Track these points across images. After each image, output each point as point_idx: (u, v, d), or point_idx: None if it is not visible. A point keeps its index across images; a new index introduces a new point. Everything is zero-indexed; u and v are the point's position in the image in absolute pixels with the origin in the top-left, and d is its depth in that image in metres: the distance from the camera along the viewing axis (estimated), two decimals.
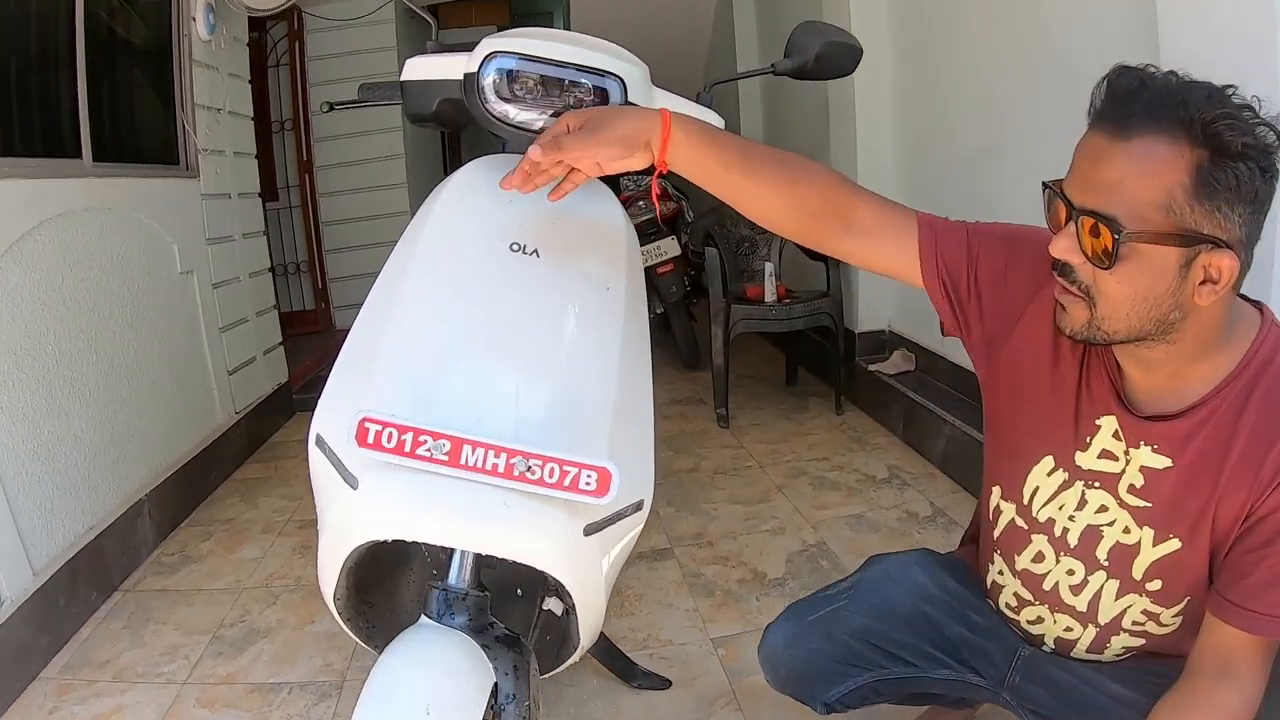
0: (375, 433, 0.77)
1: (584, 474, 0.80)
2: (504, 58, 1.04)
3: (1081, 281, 0.82)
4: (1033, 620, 1.08)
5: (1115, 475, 0.95)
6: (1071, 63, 2.24)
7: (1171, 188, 0.75)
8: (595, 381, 0.93)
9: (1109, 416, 0.94)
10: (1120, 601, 0.98)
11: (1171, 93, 0.76)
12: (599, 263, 1.02)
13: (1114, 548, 0.96)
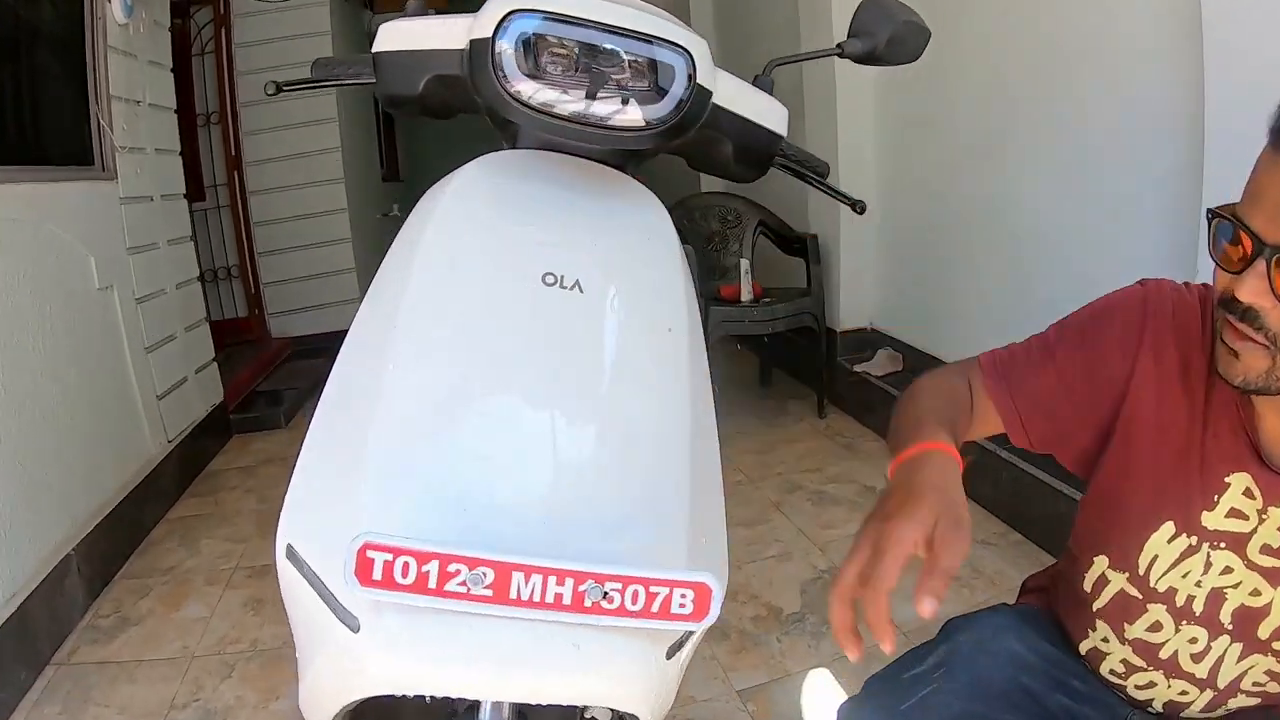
0: (384, 565, 0.55)
1: (676, 594, 0.60)
2: (527, 17, 0.73)
3: (1270, 329, 0.73)
4: (1142, 685, 0.99)
5: (1245, 535, 0.88)
6: (1095, 54, 2.13)
7: None
8: (667, 455, 0.71)
9: (1240, 473, 0.88)
10: (1242, 664, 0.92)
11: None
12: (655, 297, 0.78)
13: (1238, 610, 0.90)
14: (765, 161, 0.97)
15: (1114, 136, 2.08)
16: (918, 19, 0.99)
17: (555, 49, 0.73)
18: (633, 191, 0.84)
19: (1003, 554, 2.16)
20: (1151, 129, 1.98)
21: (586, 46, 0.73)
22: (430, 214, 0.77)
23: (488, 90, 0.74)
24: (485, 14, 0.74)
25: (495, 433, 0.65)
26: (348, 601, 0.60)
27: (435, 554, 0.55)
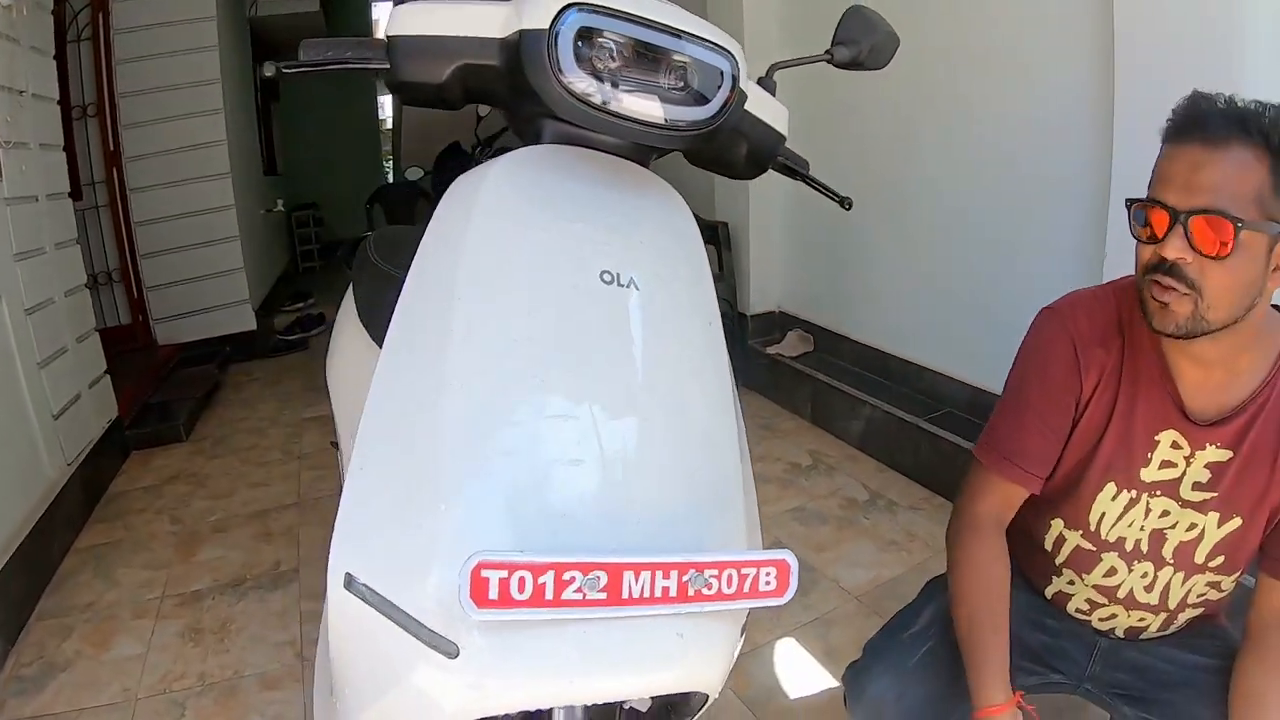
0: (499, 583, 0.54)
1: (763, 573, 0.63)
2: (584, 12, 0.71)
3: (1189, 278, 0.91)
4: (1105, 618, 1.17)
5: (1176, 480, 1.06)
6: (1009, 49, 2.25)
7: (1260, 185, 0.88)
8: (720, 443, 0.74)
9: (1168, 430, 1.05)
10: (1186, 585, 1.10)
11: (1248, 112, 0.90)
12: (695, 291, 0.79)
13: (1178, 546, 1.08)
14: (769, 161, 1.00)
15: (1026, 127, 2.23)
16: (892, 29, 1.05)
17: (611, 44, 0.72)
18: (658, 186, 0.85)
19: (931, 517, 2.31)
20: (1062, 121, 2.13)
21: (639, 44, 0.73)
22: (469, 215, 0.74)
23: (542, 84, 0.72)
24: (536, 5, 0.72)
25: (573, 437, 0.65)
26: (441, 627, 0.59)
27: (550, 564, 0.55)
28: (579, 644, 0.58)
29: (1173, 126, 0.95)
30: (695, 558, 0.60)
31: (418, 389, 0.67)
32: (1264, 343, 1.00)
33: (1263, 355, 1.01)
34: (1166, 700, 1.11)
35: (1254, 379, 1.01)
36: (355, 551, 0.64)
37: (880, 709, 1.13)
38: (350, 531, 0.65)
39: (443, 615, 0.58)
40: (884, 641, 1.20)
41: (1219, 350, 0.98)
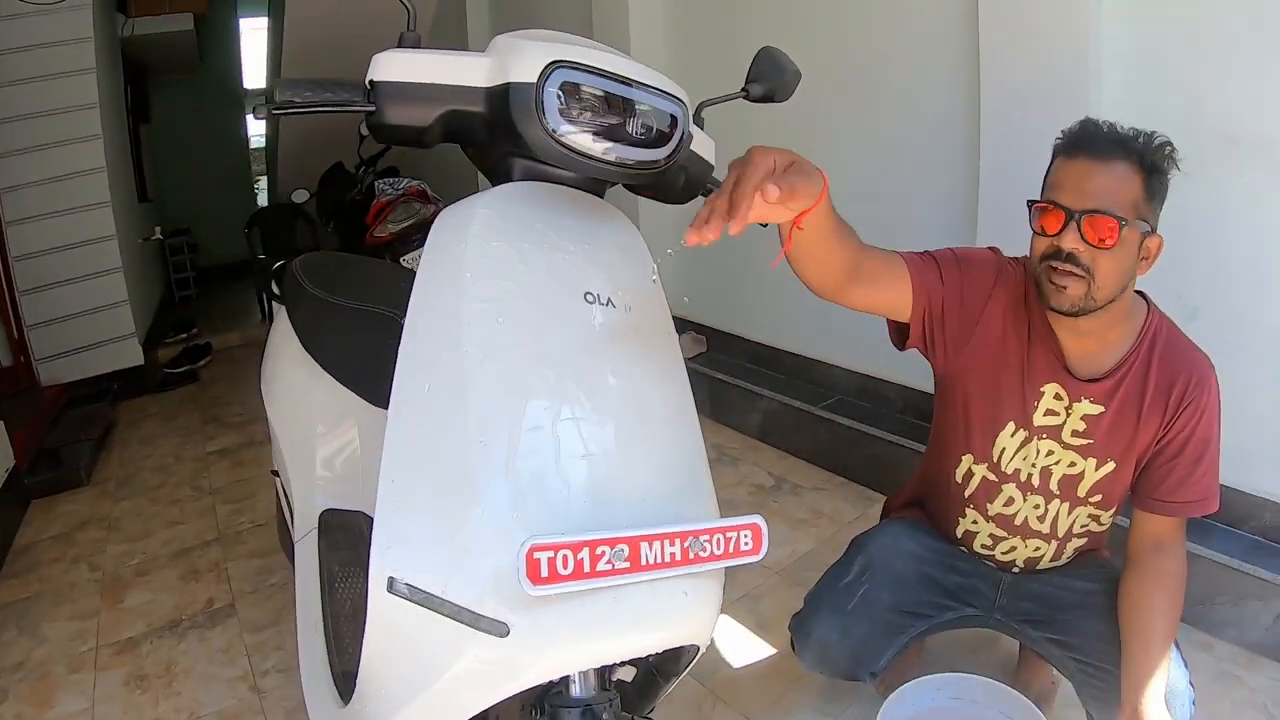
0: (548, 562, 0.66)
1: (741, 535, 0.77)
2: (567, 69, 0.84)
3: (1083, 264, 1.12)
4: (1006, 551, 1.38)
5: (1059, 426, 1.29)
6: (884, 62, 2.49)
7: (1136, 193, 1.12)
8: (688, 433, 0.88)
9: (1051, 384, 1.28)
10: (1071, 516, 1.33)
11: (1125, 135, 1.14)
12: (655, 306, 0.93)
13: (1063, 478, 1.31)
14: (699, 188, 1.15)
15: (903, 134, 2.47)
16: (796, 66, 1.22)
17: (589, 96, 0.84)
18: (615, 215, 0.97)
19: (833, 495, 2.53)
20: (933, 133, 2.38)
21: (610, 95, 0.85)
22: (465, 246, 0.83)
23: (529, 129, 0.83)
24: (522, 60, 0.84)
25: (583, 436, 0.77)
26: (492, 611, 0.69)
27: (585, 542, 0.67)
28: (609, 609, 0.71)
29: (1066, 143, 1.18)
30: (691, 526, 0.74)
31: (439, 405, 0.77)
32: (1130, 320, 1.24)
33: (1129, 330, 1.24)
34: (1065, 620, 1.33)
35: (1121, 349, 1.24)
36: (396, 557, 0.73)
37: (827, 647, 1.33)
38: (389, 540, 0.74)
39: (494, 599, 0.69)
40: (823, 591, 1.39)
41: (1096, 325, 1.21)
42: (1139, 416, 1.24)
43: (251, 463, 3.01)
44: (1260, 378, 1.82)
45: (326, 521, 1.45)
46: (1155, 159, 1.14)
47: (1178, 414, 1.22)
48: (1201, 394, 1.21)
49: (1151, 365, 1.23)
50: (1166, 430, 1.23)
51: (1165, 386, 1.22)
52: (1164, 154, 1.15)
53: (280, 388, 1.67)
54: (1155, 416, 1.23)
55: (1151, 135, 1.14)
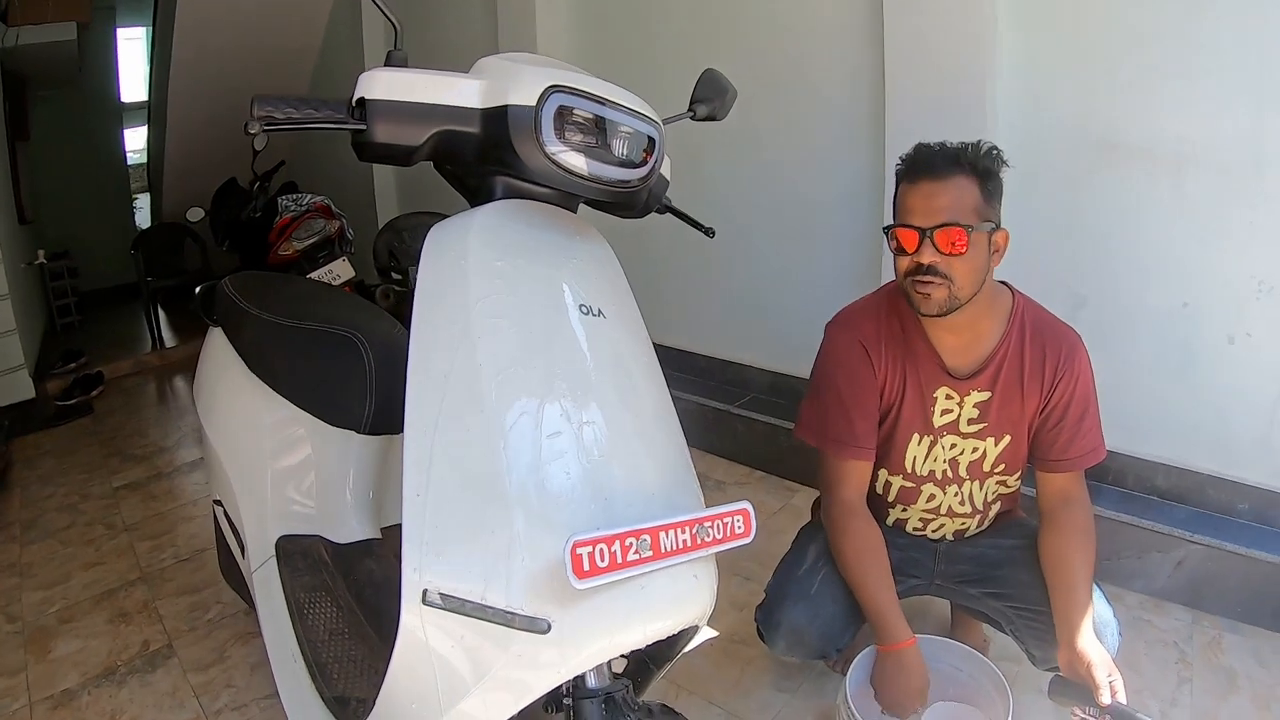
0: (588, 556, 0.70)
1: (735, 520, 0.84)
2: (563, 94, 0.88)
3: (941, 272, 1.26)
4: (936, 529, 1.53)
5: (955, 420, 1.44)
6: (789, 83, 2.62)
7: (975, 199, 1.26)
8: (672, 429, 0.95)
9: (941, 388, 1.43)
10: (984, 490, 1.50)
11: (956, 150, 1.27)
12: (633, 315, 0.99)
13: (970, 464, 1.47)
14: (658, 203, 1.21)
15: (808, 152, 2.62)
16: (733, 87, 1.31)
17: (580, 119, 0.89)
18: (587, 228, 1.03)
19: (756, 489, 2.65)
20: (838, 146, 2.53)
21: (598, 119, 0.90)
22: (465, 262, 0.87)
23: (528, 152, 0.88)
24: (521, 84, 0.88)
25: (596, 439, 0.82)
26: (533, 610, 0.73)
27: (616, 534, 0.72)
28: (637, 596, 0.76)
29: (906, 169, 1.31)
30: (696, 515, 0.80)
31: (462, 420, 0.80)
32: (996, 309, 1.39)
33: (997, 319, 1.39)
34: (998, 575, 1.48)
35: (994, 337, 1.39)
36: (430, 569, 0.76)
37: (799, 632, 1.42)
38: (422, 554, 0.77)
39: (533, 599, 0.73)
40: (784, 581, 1.49)
41: (966, 319, 1.34)
42: (1022, 392, 1.39)
43: (164, 496, 2.87)
44: (1146, 354, 2.03)
45: (284, 548, 1.43)
46: (986, 164, 1.28)
47: (1055, 383, 1.38)
48: (1073, 361, 1.38)
49: (1025, 345, 1.39)
50: (1048, 399, 1.39)
51: (1039, 361, 1.38)
52: (992, 158, 1.30)
53: (223, 413, 1.61)
54: (1036, 389, 1.39)
55: (979, 144, 1.29)
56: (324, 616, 1.29)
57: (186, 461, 3.15)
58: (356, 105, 0.89)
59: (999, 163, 1.31)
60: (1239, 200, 1.87)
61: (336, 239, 3.86)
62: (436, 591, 0.75)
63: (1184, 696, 1.66)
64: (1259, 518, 1.97)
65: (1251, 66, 1.80)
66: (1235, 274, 1.91)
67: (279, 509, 1.47)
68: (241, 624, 2.00)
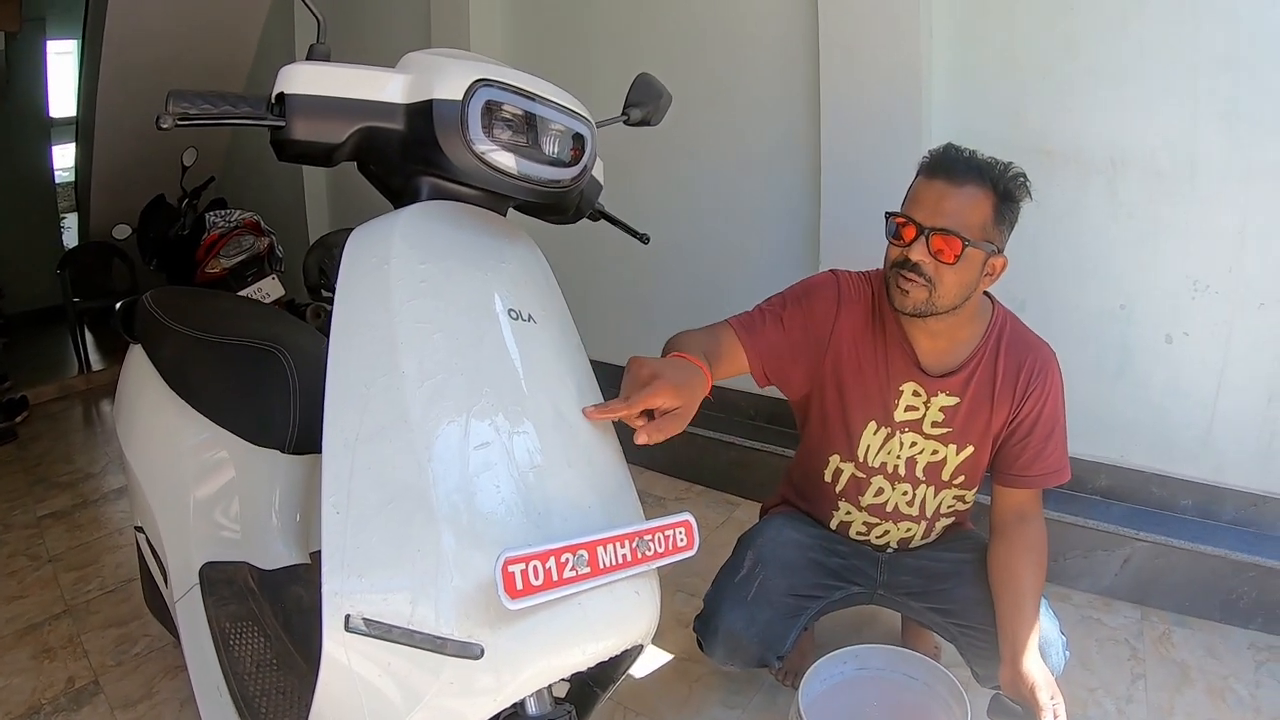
0: (521, 574, 0.65)
1: (677, 532, 0.80)
2: (491, 88, 0.84)
3: (927, 274, 1.23)
4: (880, 535, 1.49)
5: (919, 419, 1.40)
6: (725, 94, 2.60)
7: (985, 217, 1.23)
8: (608, 438, 0.91)
9: (909, 382, 1.39)
10: (938, 498, 1.42)
11: (983, 162, 1.24)
12: (565, 320, 0.95)
13: (927, 465, 1.43)
14: (590, 206, 1.17)
15: (744, 161, 2.60)
16: (669, 92, 1.28)
17: (509, 115, 0.84)
18: (516, 230, 0.98)
19: (696, 503, 2.63)
20: (774, 156, 2.52)
21: (528, 115, 0.85)
22: (388, 266, 0.82)
23: (454, 149, 0.83)
24: (447, 77, 0.83)
25: (527, 449, 0.78)
26: (464, 634, 0.68)
27: (551, 550, 0.68)
28: (576, 615, 0.72)
29: (928, 164, 1.27)
30: (636, 528, 0.76)
31: (383, 432, 0.75)
32: (978, 320, 1.37)
33: (977, 329, 1.37)
34: (942, 589, 1.45)
35: (970, 345, 1.37)
36: (353, 593, 0.70)
37: (736, 638, 1.38)
38: (343, 577, 0.71)
39: (464, 621, 0.67)
40: (721, 589, 1.45)
41: (944, 325, 1.32)
42: (991, 403, 1.37)
43: (89, 525, 2.74)
44: (1085, 356, 2.06)
45: (208, 576, 1.35)
46: (1009, 187, 1.25)
47: (1025, 398, 1.36)
48: (1046, 378, 1.36)
49: (999, 356, 1.37)
50: (1017, 413, 1.37)
51: (1012, 374, 1.36)
52: (1018, 184, 1.27)
53: (143, 434, 1.53)
54: (1006, 402, 1.36)
55: (1008, 165, 1.27)
56: (251, 647, 1.21)
57: (113, 488, 3.01)
58: (276, 101, 0.84)
59: (1024, 191, 1.28)
60: (1172, 202, 1.91)
61: (266, 256, 3.78)
62: (360, 617, 0.69)
63: (1139, 692, 1.67)
64: (1202, 512, 2.01)
65: (1183, 70, 1.84)
66: (1171, 275, 1.95)
67: (202, 534, 1.38)
68: (170, 657, 1.90)
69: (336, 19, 3.93)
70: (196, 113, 0.81)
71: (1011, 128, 2.05)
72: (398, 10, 3.64)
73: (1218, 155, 1.85)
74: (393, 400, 0.75)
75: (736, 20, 2.56)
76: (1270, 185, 1.81)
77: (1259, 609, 1.86)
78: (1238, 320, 1.90)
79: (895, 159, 1.65)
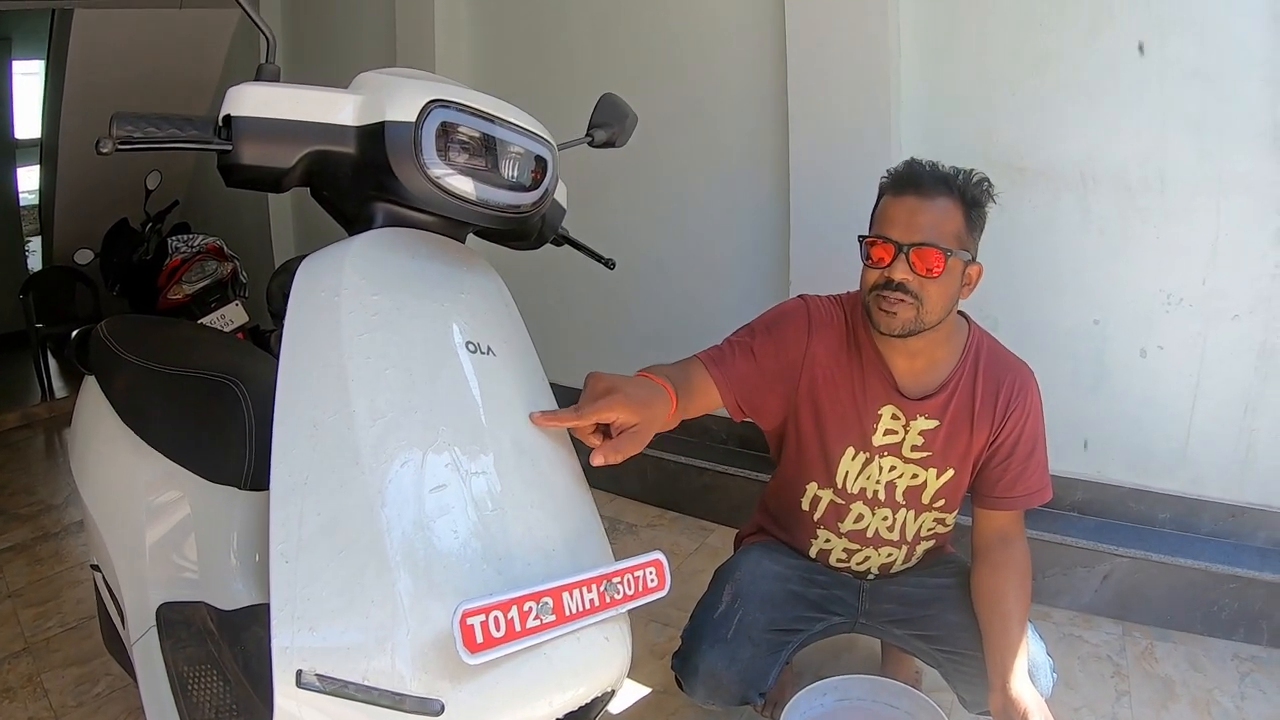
0: (480, 626, 0.61)
1: (647, 573, 0.77)
2: (446, 109, 0.80)
3: (912, 292, 1.21)
4: (860, 561, 1.46)
5: (899, 443, 1.37)
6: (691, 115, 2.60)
7: (958, 226, 1.23)
8: (572, 475, 0.87)
9: (887, 405, 1.36)
10: (918, 521, 1.43)
11: (946, 173, 1.25)
12: (526, 351, 0.91)
13: (907, 490, 1.40)
14: (553, 232, 1.14)
15: (710, 185, 2.59)
16: (634, 112, 1.26)
17: (466, 137, 0.81)
18: (475, 258, 0.95)
19: (669, 530, 2.59)
20: (743, 177, 2.51)
21: (486, 137, 0.82)
22: (338, 298, 0.78)
23: (407, 173, 0.79)
24: (399, 98, 0.80)
25: (487, 491, 0.74)
26: (422, 690, 0.64)
27: (513, 599, 0.64)
28: (541, 666, 0.68)
29: (893, 181, 1.27)
30: (603, 570, 0.72)
31: (333, 473, 0.70)
32: (954, 339, 1.36)
33: (954, 349, 1.36)
34: (925, 616, 1.41)
35: (949, 366, 1.35)
36: (304, 647, 0.66)
37: (716, 677, 1.34)
38: (294, 630, 0.67)
39: (421, 677, 0.63)
40: (700, 625, 1.40)
41: (924, 345, 1.30)
42: (971, 425, 1.35)
43: (50, 558, 2.65)
44: (1060, 371, 2.06)
45: (165, 617, 1.29)
46: (975, 194, 1.26)
47: (1005, 418, 1.34)
48: (1025, 398, 1.34)
49: (977, 377, 1.35)
50: (997, 435, 1.35)
51: (991, 395, 1.34)
52: (982, 189, 1.28)
53: (96, 469, 1.47)
54: (985, 423, 1.34)
55: (970, 173, 1.26)
56: (209, 691, 1.15)
57: (75, 520, 2.92)
58: (223, 124, 0.80)
59: (988, 195, 1.28)
60: (1144, 217, 1.92)
61: (229, 282, 3.73)
62: (313, 672, 0.65)
63: (1124, 710, 1.66)
64: (1180, 525, 2.01)
65: (1152, 86, 1.86)
66: (1144, 289, 1.95)
67: (158, 574, 1.32)
68: (131, 698, 1.83)
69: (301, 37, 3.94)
70: (140, 136, 0.78)
71: (982, 144, 2.06)
72: (364, 27, 3.61)
73: (1188, 168, 1.86)
74: (343, 441, 0.71)
75: (706, 41, 2.56)
76: (1241, 197, 1.82)
77: (1241, 620, 1.86)
78: (1212, 332, 1.91)
79: (865, 174, 1.63)
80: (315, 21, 3.84)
